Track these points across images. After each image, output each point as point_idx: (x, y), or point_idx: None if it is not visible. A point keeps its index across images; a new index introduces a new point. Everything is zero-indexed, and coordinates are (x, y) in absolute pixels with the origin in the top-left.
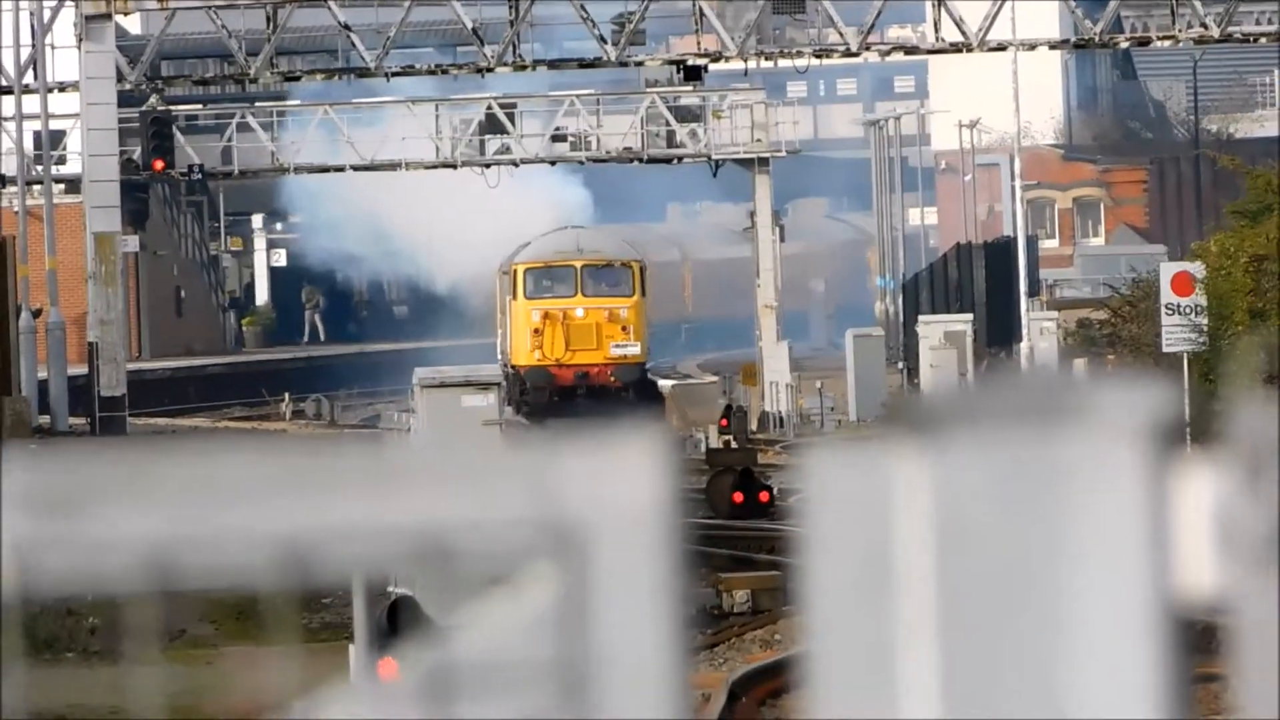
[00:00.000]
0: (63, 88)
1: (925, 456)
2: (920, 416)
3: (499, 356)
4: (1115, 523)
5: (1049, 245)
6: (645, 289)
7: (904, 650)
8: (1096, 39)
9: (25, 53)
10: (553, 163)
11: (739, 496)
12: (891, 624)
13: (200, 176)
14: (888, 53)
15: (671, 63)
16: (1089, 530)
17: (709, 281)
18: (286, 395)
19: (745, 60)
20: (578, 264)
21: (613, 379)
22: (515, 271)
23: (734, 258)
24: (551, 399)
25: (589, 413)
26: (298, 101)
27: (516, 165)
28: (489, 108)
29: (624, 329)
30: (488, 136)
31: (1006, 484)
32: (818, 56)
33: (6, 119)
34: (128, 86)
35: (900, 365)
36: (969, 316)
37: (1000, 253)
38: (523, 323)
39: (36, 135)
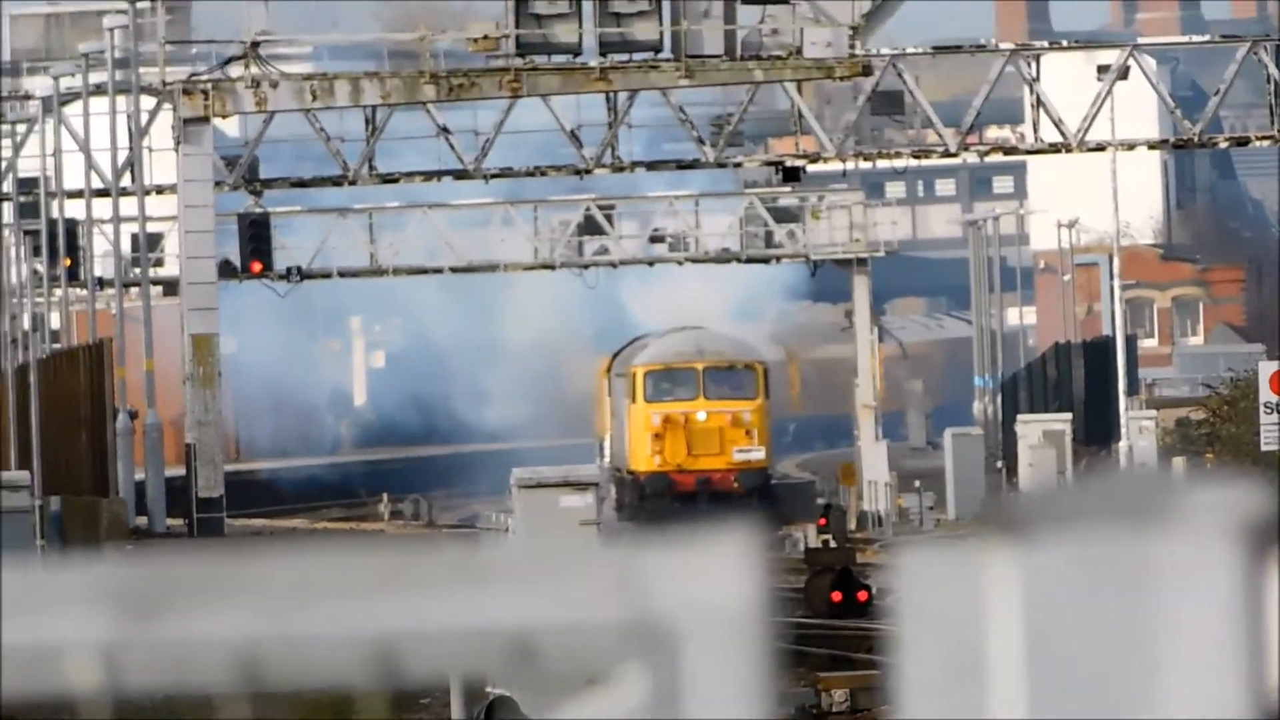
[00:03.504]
0: (160, 190)
1: (1016, 556)
2: (1013, 516)
3: (604, 458)
4: (1207, 624)
5: (1148, 344)
6: (768, 391)
7: None
8: (1196, 139)
9: (123, 155)
10: (651, 263)
11: (837, 596)
12: None
13: (299, 278)
14: (986, 153)
15: (770, 163)
16: (1181, 631)
17: (815, 379)
18: (384, 495)
19: (843, 161)
20: (699, 366)
21: (736, 484)
22: (634, 374)
23: (839, 356)
24: (672, 505)
25: (711, 519)
26: (396, 203)
27: (615, 266)
28: (587, 209)
29: (748, 433)
30: (586, 237)
31: (1097, 584)
32: (916, 157)
33: (104, 221)
34: (226, 189)
35: (999, 464)
36: (1068, 416)
37: (1099, 352)
38: (642, 427)
39: (134, 238)
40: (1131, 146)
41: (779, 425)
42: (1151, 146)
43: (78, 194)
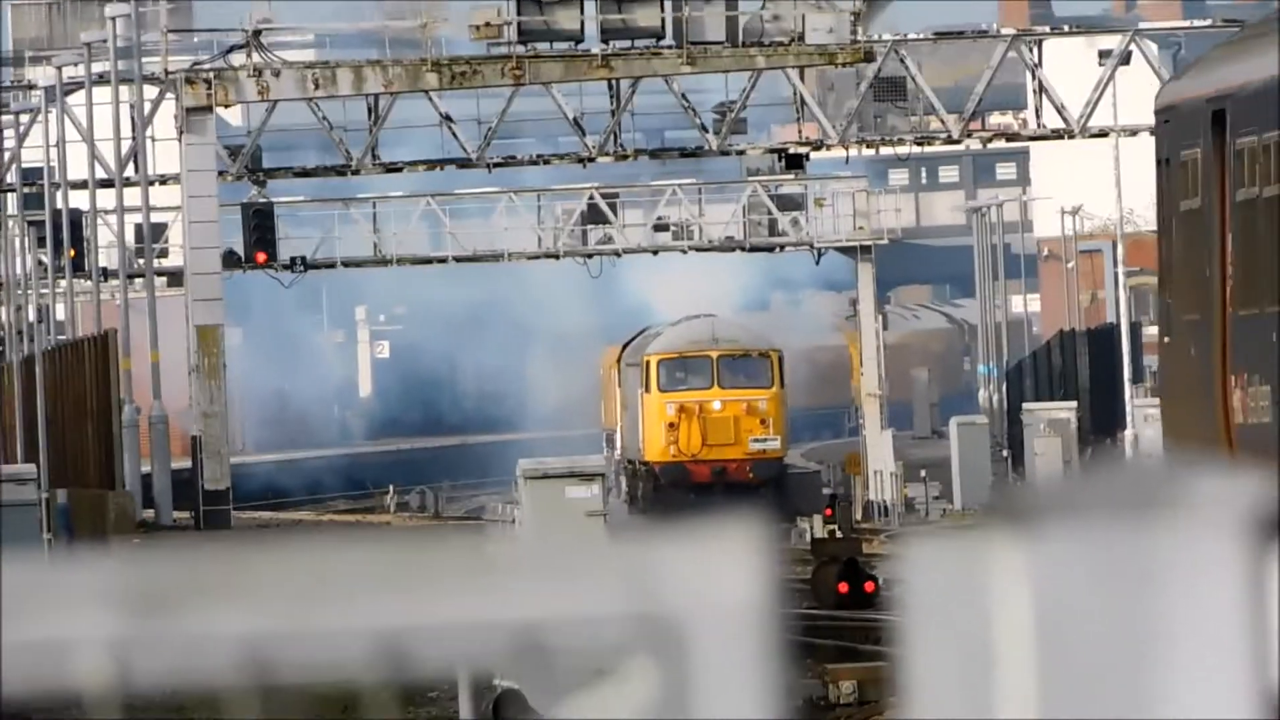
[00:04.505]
0: (164, 180)
1: (1023, 547)
2: (1020, 507)
3: (612, 450)
4: (1214, 615)
5: (1153, 331)
6: (784, 380)
7: None
8: None
9: (126, 145)
10: (655, 252)
11: (844, 587)
12: (991, 714)
13: (304, 269)
14: (989, 140)
15: (773, 151)
16: (1187, 622)
17: (807, 370)
18: (390, 488)
19: (847, 148)
20: (714, 354)
21: (751, 475)
22: (648, 363)
23: (826, 345)
24: (687, 496)
25: (725, 510)
26: (400, 192)
27: (619, 255)
28: (590, 198)
29: (763, 422)
30: (590, 226)
31: (1105, 575)
32: (919, 143)
33: (108, 212)
34: (229, 179)
35: (1004, 453)
36: (1073, 404)
37: (1104, 339)
38: (656, 416)
39: (138, 228)
40: (1134, 132)
41: None
42: (1154, 132)
43: (81, 185)
